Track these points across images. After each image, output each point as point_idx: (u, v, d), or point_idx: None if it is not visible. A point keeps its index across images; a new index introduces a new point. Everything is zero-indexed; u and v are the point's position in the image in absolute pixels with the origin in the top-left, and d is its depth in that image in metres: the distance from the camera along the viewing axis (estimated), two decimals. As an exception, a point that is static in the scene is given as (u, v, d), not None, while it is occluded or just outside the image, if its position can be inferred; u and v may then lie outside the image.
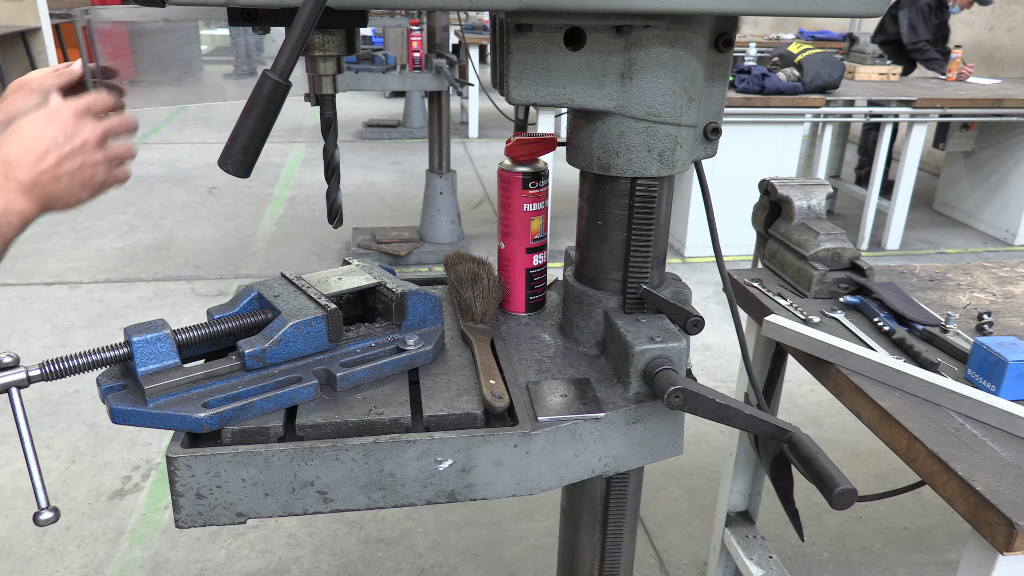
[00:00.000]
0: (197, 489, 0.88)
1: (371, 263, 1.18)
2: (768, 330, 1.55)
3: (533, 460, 0.94)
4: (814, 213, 1.79)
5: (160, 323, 0.94)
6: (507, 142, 1.19)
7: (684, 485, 2.75)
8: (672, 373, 0.98)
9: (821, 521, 2.58)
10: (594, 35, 0.95)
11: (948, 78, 5.57)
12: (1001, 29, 6.67)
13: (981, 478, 1.10)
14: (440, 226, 4.81)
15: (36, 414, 3.05)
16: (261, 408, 0.93)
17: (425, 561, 2.37)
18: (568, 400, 1.01)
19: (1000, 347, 1.32)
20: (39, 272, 4.46)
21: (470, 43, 7.37)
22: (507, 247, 1.24)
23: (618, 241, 1.10)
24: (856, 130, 7.35)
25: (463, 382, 1.04)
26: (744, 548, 2.00)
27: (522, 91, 0.97)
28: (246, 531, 2.46)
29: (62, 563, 2.32)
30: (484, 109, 8.47)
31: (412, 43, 4.70)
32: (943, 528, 2.58)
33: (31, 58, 8.10)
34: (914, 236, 5.50)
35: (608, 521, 1.18)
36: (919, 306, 1.62)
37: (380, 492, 0.92)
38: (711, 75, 1.03)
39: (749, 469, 2.04)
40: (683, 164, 1.05)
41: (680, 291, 1.16)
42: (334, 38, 0.95)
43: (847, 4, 0.90)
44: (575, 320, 1.16)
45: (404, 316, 1.07)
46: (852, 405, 1.39)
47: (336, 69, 0.98)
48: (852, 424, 3.12)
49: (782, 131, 4.73)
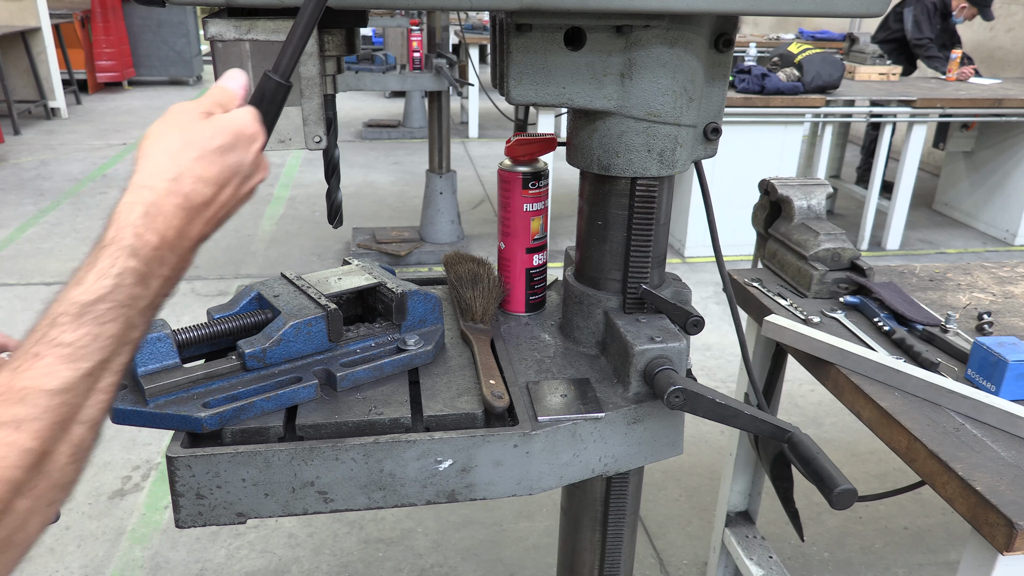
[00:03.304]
0: (197, 489, 0.88)
1: (371, 263, 1.18)
2: (768, 330, 1.55)
3: (533, 460, 0.94)
4: (814, 213, 1.79)
5: (160, 323, 0.94)
6: (507, 142, 1.19)
7: (684, 485, 2.75)
8: (672, 373, 0.98)
9: (821, 521, 2.58)
10: (594, 35, 0.95)
11: (948, 78, 5.57)
12: (1001, 29, 6.67)
13: (981, 478, 1.10)
14: (440, 226, 4.81)
15: (36, 414, 3.04)
16: (261, 408, 0.93)
17: (425, 561, 2.37)
18: (568, 400, 1.01)
19: (1000, 347, 1.32)
20: (39, 272, 4.46)
21: (470, 43, 7.37)
22: (507, 247, 1.24)
23: (618, 241, 1.10)
24: (856, 130, 7.35)
25: (463, 382, 1.04)
26: (744, 548, 2.00)
27: (522, 91, 0.97)
28: (246, 531, 2.46)
29: (62, 563, 2.32)
30: (484, 109, 8.46)
31: (412, 43, 4.70)
32: (943, 528, 2.58)
33: (31, 58, 8.10)
34: (914, 236, 5.50)
35: (608, 521, 1.18)
36: (919, 306, 1.62)
37: (380, 492, 0.92)
38: (711, 75, 1.03)
39: (749, 469, 2.04)
40: (683, 164, 1.05)
41: (680, 291, 1.16)
42: (334, 38, 0.95)
43: (847, 4, 0.90)
44: (575, 320, 1.16)
45: (404, 316, 1.07)
46: (852, 405, 1.39)
47: (336, 69, 0.98)
48: (852, 424, 3.11)
49: (782, 131, 4.73)
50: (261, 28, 0.87)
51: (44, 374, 0.58)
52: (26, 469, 0.57)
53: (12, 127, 7.61)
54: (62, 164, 6.67)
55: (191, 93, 10.48)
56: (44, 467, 0.59)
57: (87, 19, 9.59)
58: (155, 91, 10.55)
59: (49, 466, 0.59)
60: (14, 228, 5.14)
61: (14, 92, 7.92)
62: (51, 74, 8.38)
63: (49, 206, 5.57)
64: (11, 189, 5.95)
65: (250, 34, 0.87)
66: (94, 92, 10.02)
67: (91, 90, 9.95)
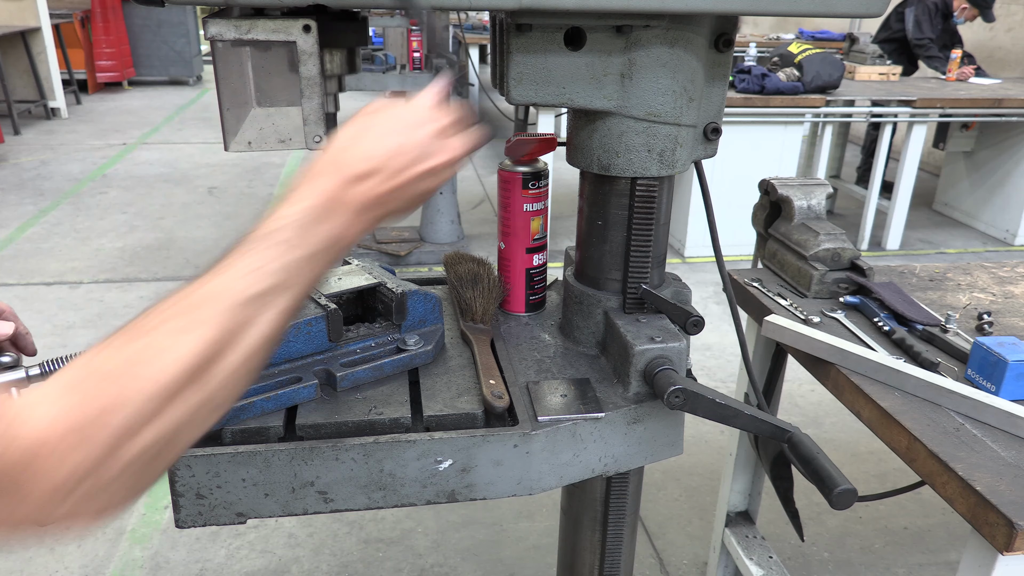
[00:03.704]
0: (197, 489, 0.88)
1: (371, 263, 1.18)
2: (768, 330, 1.55)
3: (533, 460, 0.94)
4: (814, 213, 1.79)
5: (160, 323, 0.94)
6: (507, 142, 1.19)
7: (684, 485, 2.75)
8: (672, 373, 0.98)
9: (821, 521, 2.58)
10: (594, 35, 0.95)
11: (948, 78, 5.57)
12: (1001, 29, 6.67)
13: (981, 478, 1.10)
14: (440, 226, 4.81)
15: (36, 414, 3.04)
16: (261, 408, 0.93)
17: (425, 561, 2.37)
18: (568, 400, 1.01)
19: (1000, 347, 1.32)
20: (39, 272, 4.46)
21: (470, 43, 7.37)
22: (507, 247, 1.24)
23: (618, 241, 1.10)
24: (856, 130, 7.35)
25: (463, 382, 1.04)
26: (744, 548, 2.00)
27: (522, 91, 0.97)
28: (246, 531, 2.46)
29: (62, 563, 2.32)
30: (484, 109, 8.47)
31: (412, 43, 4.70)
32: (943, 528, 2.58)
33: (31, 58, 8.10)
34: (914, 236, 5.50)
35: (608, 521, 1.18)
36: (919, 306, 1.62)
37: (380, 492, 0.92)
38: (711, 75, 1.03)
39: (749, 469, 2.04)
40: (683, 164, 1.05)
41: (680, 291, 1.16)
42: (335, 58, 0.96)
43: (847, 4, 0.90)
44: (575, 320, 1.16)
45: (404, 316, 1.07)
46: (852, 405, 1.39)
47: (337, 88, 0.99)
48: (852, 424, 3.11)
49: (782, 131, 4.73)
50: (261, 28, 0.87)
51: (225, 284, 0.63)
52: (183, 377, 0.59)
53: (12, 127, 7.61)
54: (62, 164, 6.67)
55: (191, 93, 10.48)
56: (199, 379, 0.61)
57: (87, 19, 9.58)
58: (155, 91, 10.55)
59: (204, 379, 0.61)
60: (14, 228, 5.14)
61: (14, 92, 7.92)
62: (51, 74, 8.38)
63: (49, 206, 5.57)
64: (11, 189, 5.95)
65: (250, 34, 0.87)
66: (94, 92, 10.02)
67: (91, 90, 9.94)
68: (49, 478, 0.54)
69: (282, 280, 0.66)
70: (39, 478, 0.54)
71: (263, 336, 0.65)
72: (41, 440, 0.54)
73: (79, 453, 0.55)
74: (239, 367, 0.64)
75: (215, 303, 0.62)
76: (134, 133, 7.94)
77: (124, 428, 0.56)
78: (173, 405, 0.59)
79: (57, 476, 0.54)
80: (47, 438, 0.54)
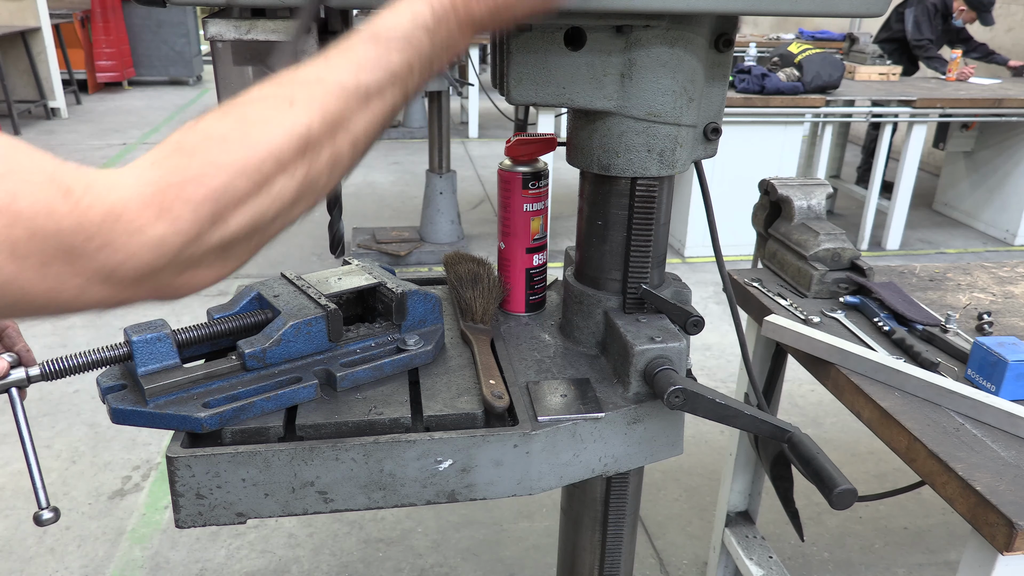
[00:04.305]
0: (197, 489, 0.88)
1: (371, 263, 1.18)
2: (768, 330, 1.55)
3: (533, 460, 0.94)
4: (814, 213, 1.79)
5: (160, 323, 0.94)
6: (507, 142, 1.19)
7: (684, 485, 2.75)
8: (672, 373, 0.98)
9: (821, 521, 2.58)
10: (594, 35, 0.95)
11: (948, 78, 5.57)
12: (1001, 29, 6.67)
13: (981, 478, 1.10)
14: (440, 226, 4.81)
15: (36, 414, 3.05)
16: (261, 408, 0.93)
17: (425, 561, 2.37)
18: (568, 400, 1.01)
19: (1000, 347, 1.32)
20: (39, 272, 4.46)
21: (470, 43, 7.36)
22: (507, 247, 1.24)
23: (618, 241, 1.10)
24: (856, 130, 7.35)
25: (463, 382, 1.04)
26: (744, 548, 2.00)
27: (522, 91, 0.97)
28: (246, 531, 2.46)
29: (62, 563, 2.32)
30: (484, 109, 8.46)
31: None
32: (943, 528, 2.58)
33: (31, 58, 8.10)
34: (914, 236, 5.50)
35: (608, 521, 1.18)
36: (919, 306, 1.62)
37: (380, 492, 0.92)
38: (711, 75, 1.03)
39: (749, 469, 2.04)
40: (683, 164, 1.05)
41: (680, 291, 1.16)
42: None
43: (847, 4, 0.90)
44: (575, 320, 1.16)
45: (404, 316, 1.07)
46: (852, 405, 1.39)
47: None
48: (852, 424, 3.11)
49: (782, 131, 4.73)
50: (261, 28, 0.87)
51: (330, 70, 0.63)
52: (292, 147, 0.60)
53: (12, 127, 7.61)
54: (62, 164, 6.67)
55: (191, 93, 10.48)
56: (307, 153, 0.61)
57: (87, 19, 9.59)
58: (155, 91, 10.55)
59: (311, 155, 0.61)
60: (14, 228, 5.14)
61: (14, 92, 7.92)
62: (51, 74, 8.38)
63: (49, 206, 5.57)
64: (11, 189, 5.95)
65: (250, 34, 0.87)
66: (94, 92, 10.02)
67: (91, 90, 9.95)
68: (147, 232, 0.54)
69: (392, 76, 0.66)
70: (131, 232, 0.54)
71: (369, 124, 0.66)
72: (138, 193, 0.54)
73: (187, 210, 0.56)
74: (346, 151, 0.64)
75: (325, 85, 0.62)
76: (134, 133, 7.94)
77: (233, 189, 0.57)
78: (282, 175, 0.60)
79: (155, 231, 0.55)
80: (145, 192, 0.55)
